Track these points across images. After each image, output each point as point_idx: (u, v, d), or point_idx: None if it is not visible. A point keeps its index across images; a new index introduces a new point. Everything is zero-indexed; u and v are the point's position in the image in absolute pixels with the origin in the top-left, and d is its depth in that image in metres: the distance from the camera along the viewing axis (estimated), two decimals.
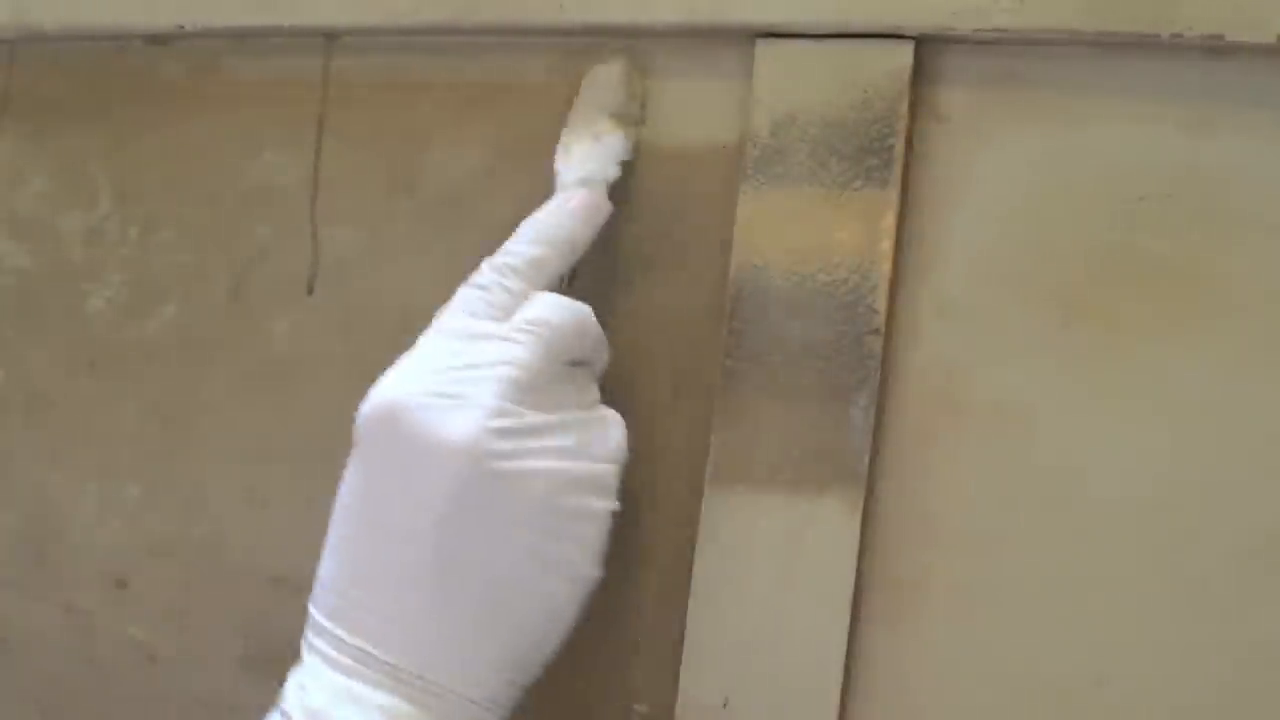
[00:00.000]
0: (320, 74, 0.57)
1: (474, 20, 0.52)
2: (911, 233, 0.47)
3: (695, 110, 0.51)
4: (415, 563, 0.42)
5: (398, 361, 0.45)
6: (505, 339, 0.44)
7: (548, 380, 0.44)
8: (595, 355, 0.47)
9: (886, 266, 0.47)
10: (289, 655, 0.44)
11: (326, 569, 0.44)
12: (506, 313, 0.45)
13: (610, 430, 0.46)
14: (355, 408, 0.45)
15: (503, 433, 0.42)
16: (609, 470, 0.45)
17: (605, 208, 0.49)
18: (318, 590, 0.44)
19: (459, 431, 0.42)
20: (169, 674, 0.58)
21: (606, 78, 0.51)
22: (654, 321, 0.51)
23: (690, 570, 0.48)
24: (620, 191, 0.51)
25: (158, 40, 0.59)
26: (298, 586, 0.51)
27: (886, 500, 0.47)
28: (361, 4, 0.54)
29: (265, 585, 0.56)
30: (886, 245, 0.47)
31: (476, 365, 0.43)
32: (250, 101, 0.58)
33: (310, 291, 0.57)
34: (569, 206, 0.48)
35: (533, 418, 0.43)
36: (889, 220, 0.47)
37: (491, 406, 0.42)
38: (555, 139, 0.53)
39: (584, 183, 0.49)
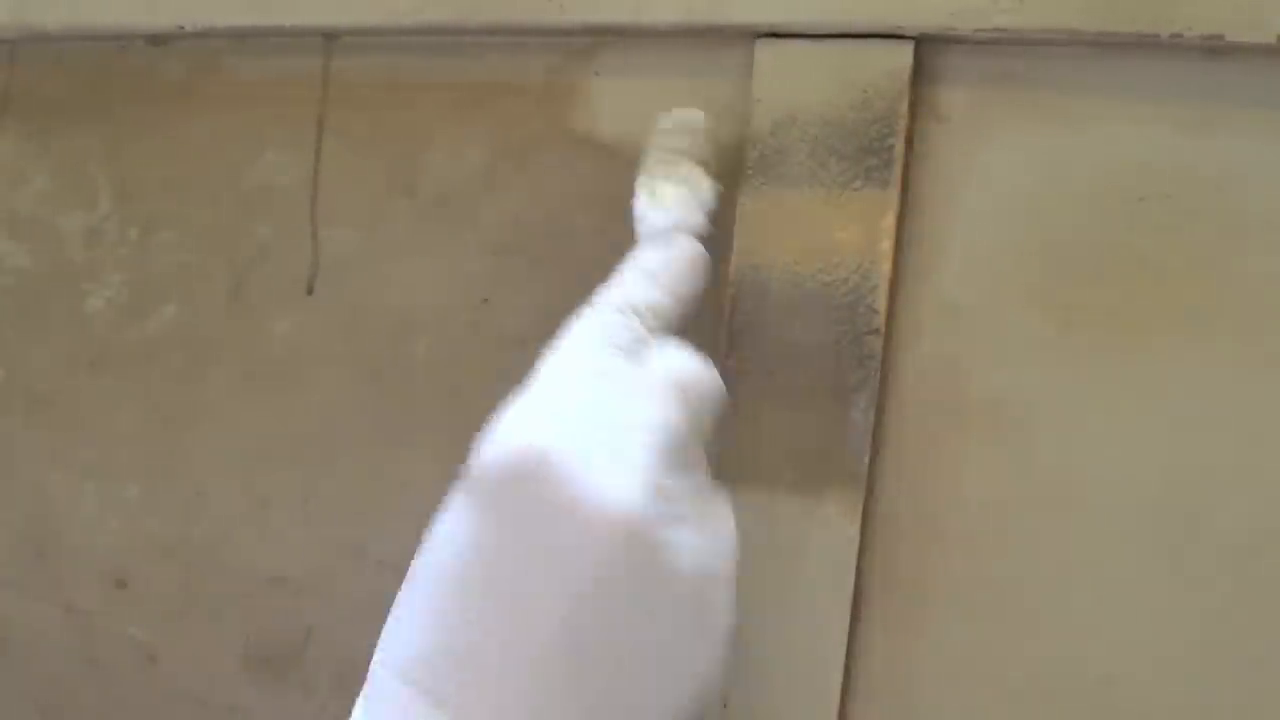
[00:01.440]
0: (320, 74, 0.57)
1: (474, 20, 0.52)
2: (911, 233, 0.47)
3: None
4: (539, 644, 0.35)
5: (526, 394, 0.37)
6: (658, 397, 0.37)
7: (689, 451, 0.38)
8: (716, 426, 0.41)
9: (886, 266, 0.47)
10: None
11: (418, 635, 0.36)
12: (638, 356, 0.39)
13: (727, 514, 0.40)
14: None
15: (663, 503, 0.36)
16: (732, 561, 0.39)
17: (703, 257, 0.44)
18: (400, 655, 0.36)
19: (624, 499, 0.35)
20: (169, 674, 0.58)
21: (688, 123, 0.47)
22: None
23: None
24: (621, 190, 0.51)
25: (158, 40, 0.60)
26: (298, 586, 0.51)
27: (886, 500, 0.47)
28: (361, 4, 0.54)
29: (265, 585, 0.56)
30: (886, 245, 0.47)
31: (635, 413, 0.37)
32: (250, 101, 0.58)
33: (310, 291, 0.57)
34: (687, 256, 0.43)
35: (678, 489, 0.37)
36: (889, 220, 0.47)
37: (652, 468, 0.35)
38: (556, 139, 0.53)
39: (679, 228, 0.44)
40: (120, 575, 0.59)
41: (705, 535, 0.37)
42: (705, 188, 0.46)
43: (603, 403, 0.36)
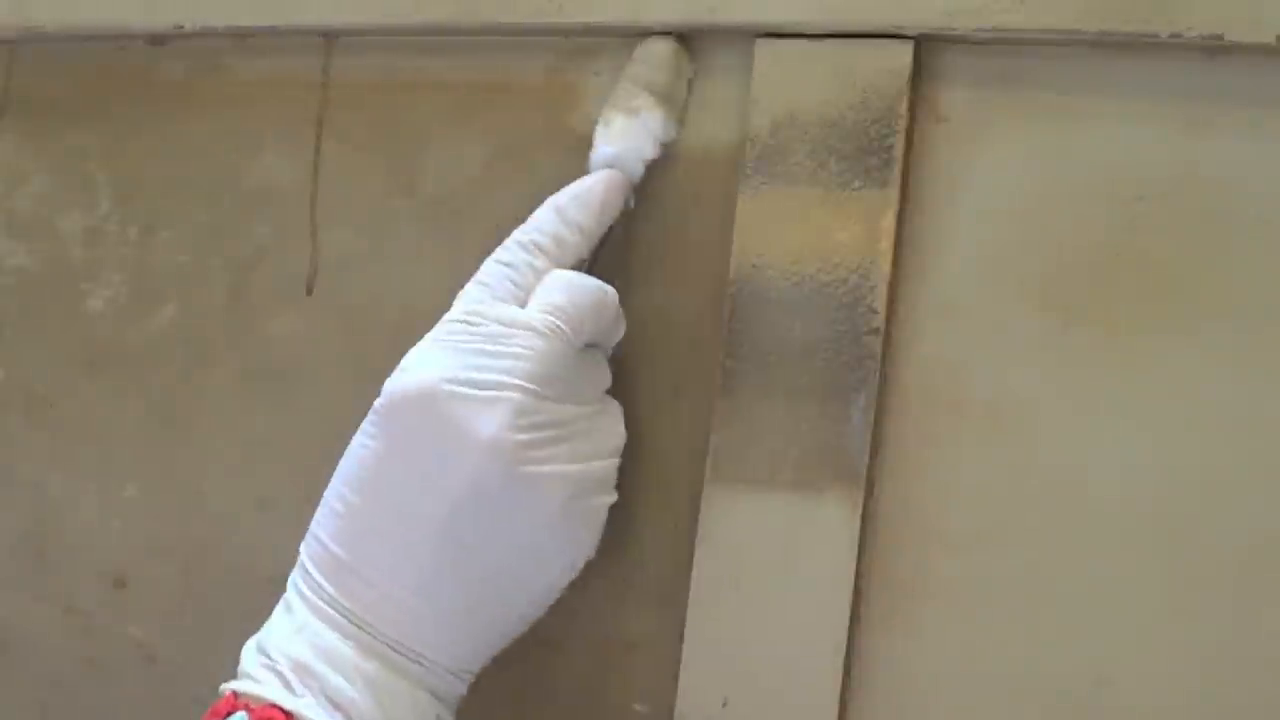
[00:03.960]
0: (320, 74, 0.57)
1: (474, 20, 0.52)
2: (911, 233, 0.47)
3: (695, 110, 0.51)
4: (420, 542, 0.43)
5: (427, 338, 0.46)
6: (530, 328, 0.44)
7: (567, 369, 0.45)
8: (612, 333, 0.48)
9: (886, 266, 0.47)
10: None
11: (326, 526, 0.45)
12: (529, 292, 0.46)
13: (614, 422, 0.47)
14: (356, 408, 0.45)
15: (527, 431, 0.43)
16: (613, 465, 0.47)
17: (628, 189, 0.49)
18: (313, 541, 0.45)
19: (487, 428, 0.43)
20: (169, 674, 0.58)
21: (652, 54, 0.50)
22: (654, 321, 0.51)
23: (690, 570, 0.48)
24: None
25: (158, 40, 0.60)
26: None
27: (886, 500, 0.47)
28: (361, 4, 0.54)
29: (265, 585, 0.55)
30: (886, 245, 0.47)
31: (501, 354, 0.44)
32: (250, 101, 0.58)
33: (310, 291, 0.57)
34: (596, 189, 0.48)
35: (552, 412, 0.44)
36: (888, 220, 0.47)
37: (517, 402, 0.43)
38: (555, 139, 0.53)
39: (617, 159, 0.49)
40: (120, 575, 0.59)
41: (583, 446, 0.45)
42: (655, 119, 0.49)
43: (485, 340, 0.44)
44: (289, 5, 0.55)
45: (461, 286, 0.47)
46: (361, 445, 0.45)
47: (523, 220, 0.48)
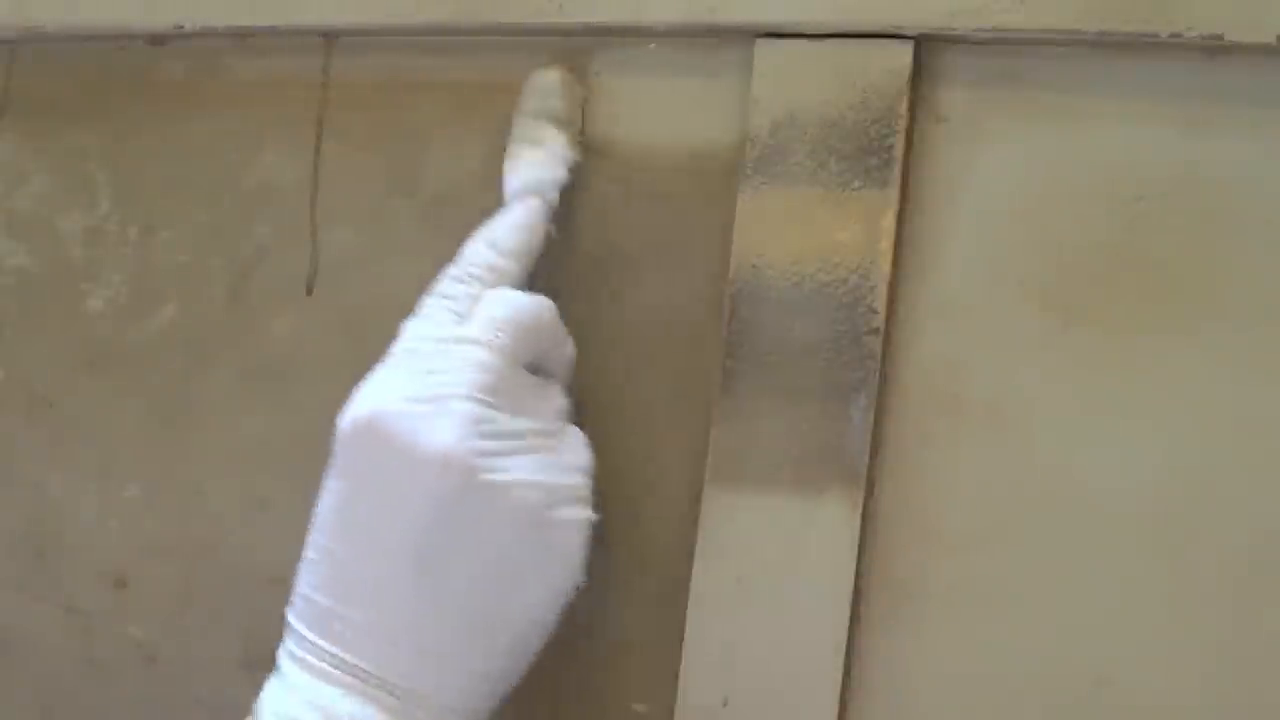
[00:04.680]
0: (320, 74, 0.57)
1: (474, 20, 0.52)
2: (911, 233, 0.47)
3: (695, 110, 0.51)
4: (396, 572, 0.43)
5: (370, 374, 0.45)
6: (471, 341, 0.44)
7: (515, 382, 0.45)
8: (557, 352, 0.48)
9: (886, 266, 0.47)
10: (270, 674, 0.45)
11: (306, 579, 0.44)
12: (460, 319, 0.46)
13: (578, 443, 0.47)
14: None
15: (481, 439, 0.43)
16: (583, 481, 0.46)
17: (548, 214, 0.50)
18: (297, 600, 0.45)
19: (438, 441, 0.42)
20: (169, 674, 0.58)
21: (544, 84, 0.51)
22: (654, 321, 0.51)
23: (690, 570, 0.48)
24: (620, 192, 0.51)
25: (158, 40, 0.60)
26: None
27: (886, 500, 0.47)
28: (361, 4, 0.54)
29: (265, 585, 0.55)
30: (886, 245, 0.47)
31: (446, 370, 0.44)
32: (250, 101, 0.58)
33: (310, 291, 0.57)
34: (521, 216, 0.49)
35: (506, 423, 0.44)
36: (888, 220, 0.47)
37: (467, 413, 0.43)
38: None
39: (529, 190, 0.49)
40: (120, 575, 0.59)
41: (543, 458, 0.44)
42: (558, 145, 0.50)
43: (427, 360, 0.44)
44: (289, 5, 0.55)
45: (421, 298, 0.47)
46: (326, 489, 0.45)
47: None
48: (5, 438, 0.62)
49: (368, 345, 0.54)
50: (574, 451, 0.46)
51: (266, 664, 0.45)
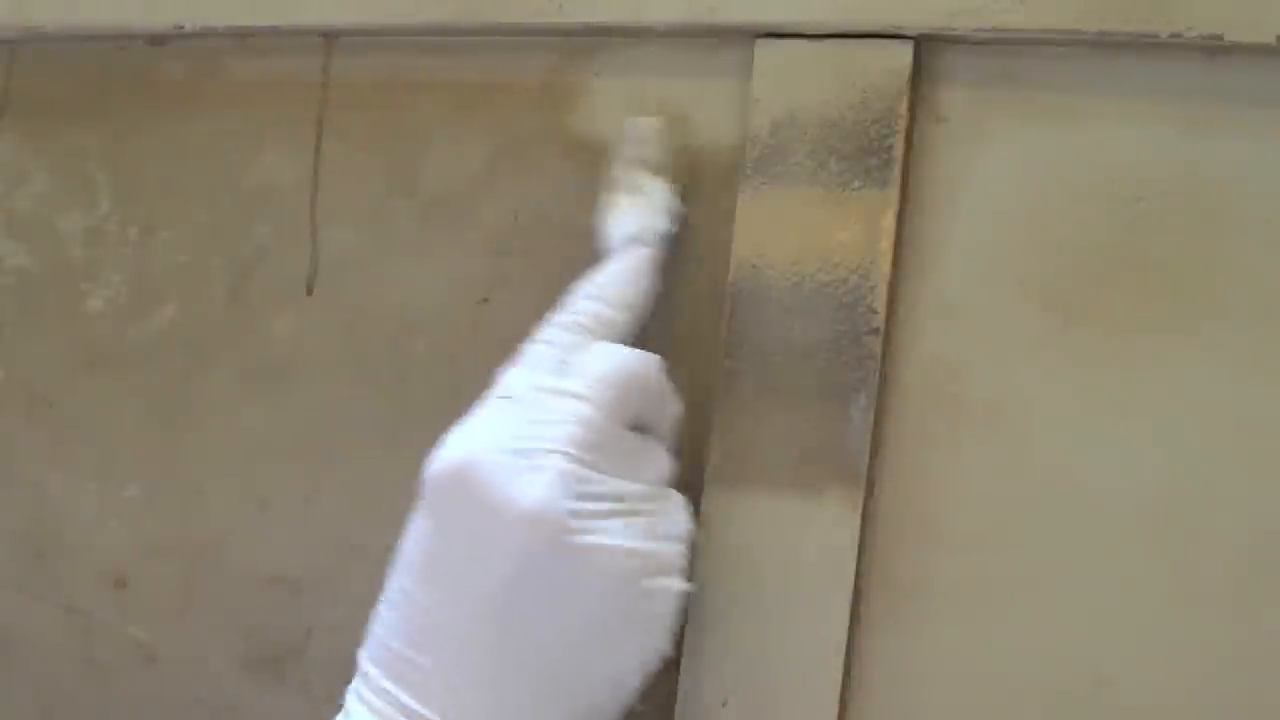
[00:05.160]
0: (320, 74, 0.57)
1: (474, 20, 0.52)
2: (911, 233, 0.47)
3: (695, 110, 0.51)
4: (476, 625, 0.41)
5: (466, 418, 0.44)
6: (571, 394, 0.43)
7: (616, 441, 0.43)
8: (662, 410, 0.46)
9: (886, 266, 0.47)
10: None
11: (384, 621, 0.43)
12: (565, 369, 0.44)
13: (677, 511, 0.45)
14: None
15: (576, 500, 0.41)
16: (678, 550, 0.44)
17: (658, 267, 0.48)
18: (371, 641, 0.43)
19: (531, 496, 0.41)
20: (169, 674, 0.58)
21: (644, 131, 0.50)
22: (654, 321, 0.51)
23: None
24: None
25: (158, 40, 0.60)
26: (298, 586, 0.51)
27: (886, 500, 0.47)
28: (361, 4, 0.54)
29: (265, 585, 0.56)
30: (886, 245, 0.47)
31: (543, 422, 0.42)
32: (250, 101, 0.58)
33: (310, 291, 0.57)
34: (629, 266, 0.47)
35: (603, 485, 0.42)
36: (888, 220, 0.47)
37: (561, 469, 0.41)
38: (555, 139, 0.53)
39: (634, 240, 0.48)
40: (120, 575, 0.59)
41: (640, 523, 0.42)
42: (659, 193, 0.48)
43: (525, 409, 0.43)
44: (289, 5, 0.55)
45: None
46: (412, 530, 0.43)
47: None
48: (5, 438, 0.62)
49: (368, 345, 0.55)
50: (673, 518, 0.44)
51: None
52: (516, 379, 0.44)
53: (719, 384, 0.48)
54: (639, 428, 0.45)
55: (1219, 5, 0.42)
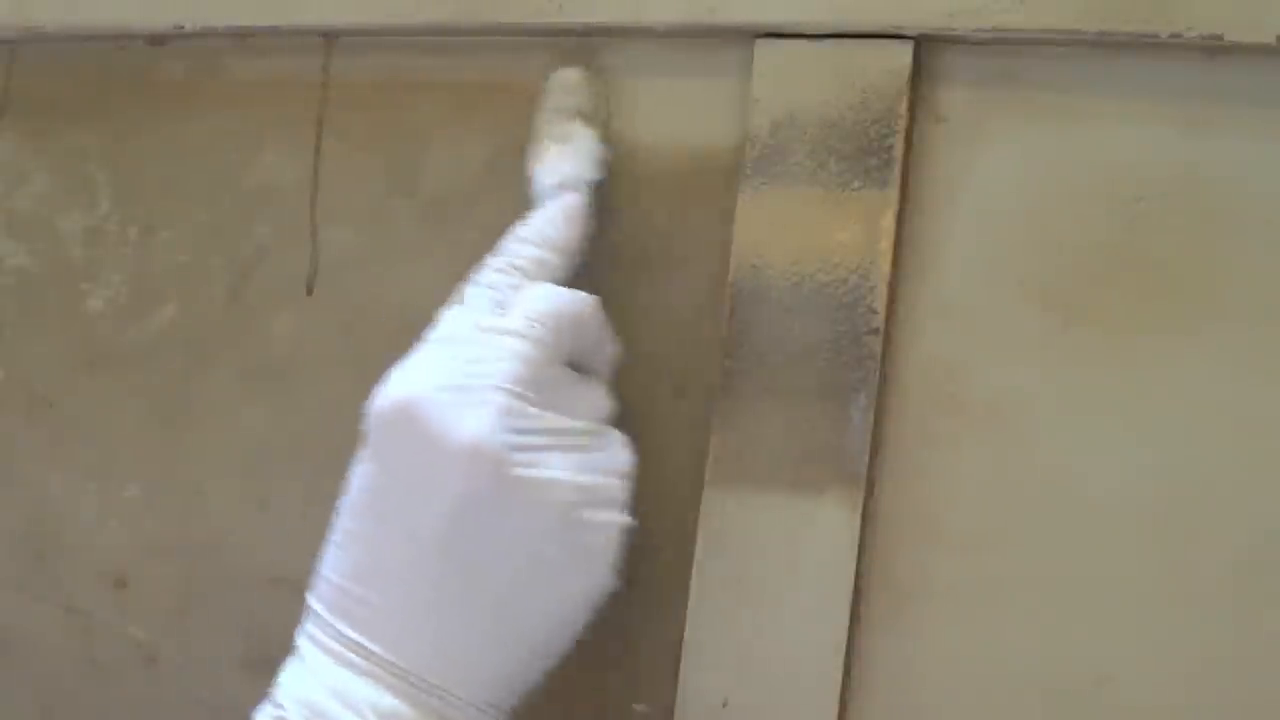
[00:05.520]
0: (320, 74, 0.57)
1: (474, 20, 0.52)
2: (911, 233, 0.47)
3: (695, 110, 0.51)
4: (421, 561, 0.42)
5: (406, 357, 0.45)
6: (510, 332, 0.44)
7: (555, 378, 0.44)
8: (600, 350, 0.47)
9: (886, 266, 0.47)
10: (289, 655, 0.44)
11: (330, 561, 0.44)
12: (501, 309, 0.45)
13: (617, 448, 0.46)
14: (356, 407, 0.45)
15: (515, 433, 0.42)
16: (619, 484, 0.45)
17: (587, 210, 0.49)
18: (319, 582, 0.44)
19: (470, 430, 0.41)
20: (169, 674, 0.58)
21: (568, 81, 0.51)
22: (654, 321, 0.51)
23: (690, 570, 0.48)
24: (620, 191, 0.51)
25: (158, 40, 0.60)
26: (298, 587, 0.50)
27: (886, 500, 0.47)
28: (361, 4, 0.54)
29: (265, 585, 0.56)
30: (886, 245, 0.47)
31: (483, 359, 0.43)
32: (250, 101, 0.58)
33: (310, 291, 0.57)
34: (560, 210, 0.48)
35: (542, 420, 0.43)
36: (888, 220, 0.47)
37: (501, 404, 0.42)
38: None
39: (563, 186, 0.49)
40: (120, 575, 0.59)
41: (579, 457, 0.43)
42: (585, 140, 0.49)
43: (464, 348, 0.44)
44: (289, 5, 0.55)
45: (462, 286, 0.47)
46: (355, 472, 0.44)
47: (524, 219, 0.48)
48: (5, 438, 0.62)
49: (368, 345, 0.55)
50: (612, 453, 0.45)
51: (267, 664, 0.45)
52: (455, 319, 0.45)
53: (719, 384, 0.48)
54: (577, 366, 0.46)
55: (1219, 5, 0.42)
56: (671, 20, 0.49)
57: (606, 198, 0.50)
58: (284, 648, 0.45)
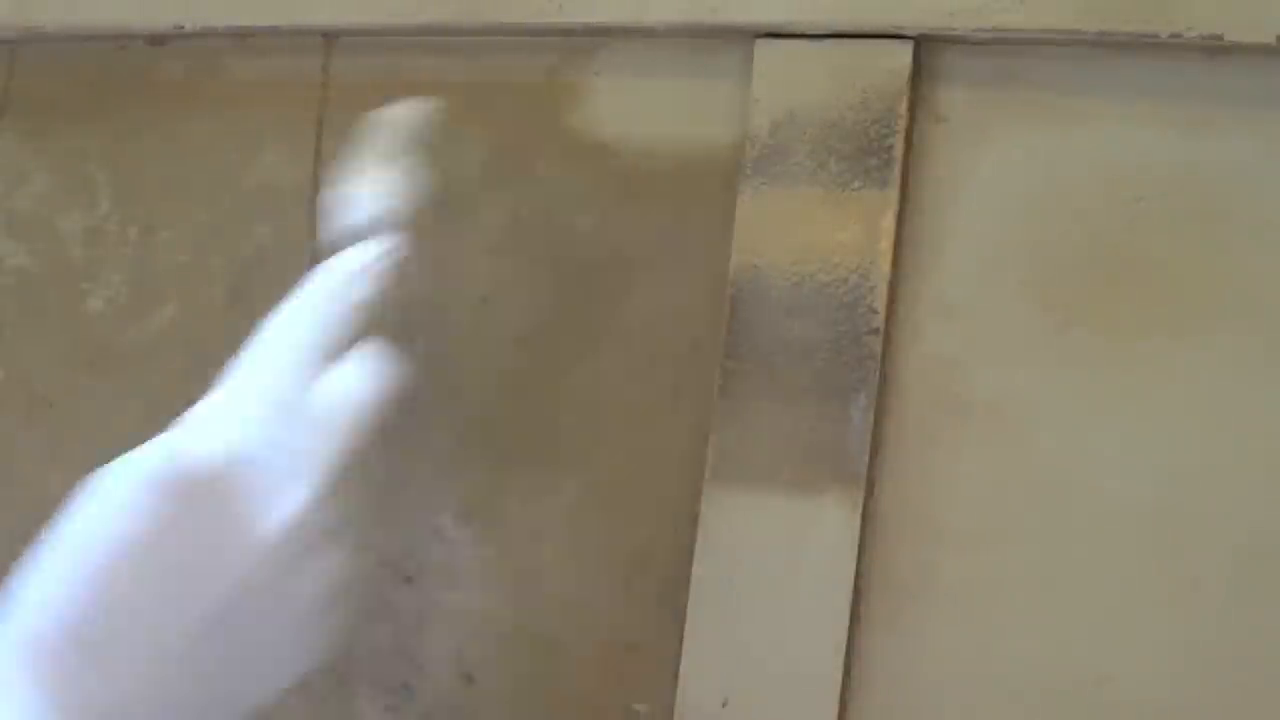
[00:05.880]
0: (320, 74, 0.57)
1: (474, 20, 0.52)
2: (911, 233, 0.47)
3: (695, 110, 0.51)
4: (129, 597, 0.41)
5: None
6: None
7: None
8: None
9: (886, 266, 0.47)
10: None
11: (40, 601, 0.41)
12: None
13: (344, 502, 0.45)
14: None
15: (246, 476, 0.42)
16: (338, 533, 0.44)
17: (392, 249, 0.48)
18: (42, 625, 0.41)
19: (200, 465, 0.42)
20: None
21: (389, 121, 0.50)
22: (654, 322, 0.51)
23: (690, 570, 0.48)
24: (621, 191, 0.51)
25: (158, 40, 0.60)
26: None
27: (886, 500, 0.47)
28: (361, 4, 0.54)
29: None
30: (886, 245, 0.47)
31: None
32: (250, 101, 0.58)
33: None
34: (372, 258, 0.47)
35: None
36: (888, 220, 0.47)
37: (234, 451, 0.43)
38: (555, 139, 0.53)
39: (367, 227, 0.48)
40: None
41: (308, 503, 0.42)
42: (393, 181, 0.48)
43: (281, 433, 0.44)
44: (289, 5, 0.55)
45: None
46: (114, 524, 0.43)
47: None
48: (5, 438, 0.62)
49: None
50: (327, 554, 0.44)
51: None
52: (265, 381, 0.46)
53: (719, 384, 0.48)
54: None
55: (1219, 5, 0.42)
56: (672, 20, 0.49)
57: (606, 198, 0.50)
58: None
